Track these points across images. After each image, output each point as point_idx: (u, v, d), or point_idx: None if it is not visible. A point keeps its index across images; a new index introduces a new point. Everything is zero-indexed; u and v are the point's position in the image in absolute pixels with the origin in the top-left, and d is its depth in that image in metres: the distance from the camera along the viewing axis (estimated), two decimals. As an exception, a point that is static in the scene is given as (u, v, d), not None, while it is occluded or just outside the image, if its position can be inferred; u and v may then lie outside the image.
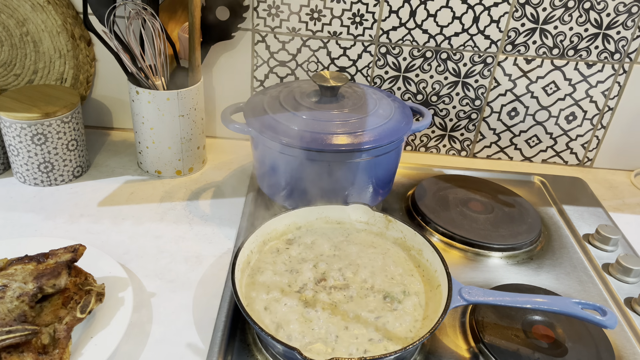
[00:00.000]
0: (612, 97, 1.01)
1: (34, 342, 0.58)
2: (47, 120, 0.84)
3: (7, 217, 0.83)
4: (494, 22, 0.94)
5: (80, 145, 0.91)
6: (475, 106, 1.03)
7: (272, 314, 0.65)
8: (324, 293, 0.68)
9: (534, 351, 0.66)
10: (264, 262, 0.73)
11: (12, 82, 0.99)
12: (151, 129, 0.90)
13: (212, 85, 1.03)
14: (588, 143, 1.07)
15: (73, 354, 0.60)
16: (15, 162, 0.88)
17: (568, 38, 0.95)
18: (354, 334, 0.63)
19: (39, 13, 0.93)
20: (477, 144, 1.08)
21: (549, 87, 1.00)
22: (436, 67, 0.99)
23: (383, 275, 0.71)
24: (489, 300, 0.68)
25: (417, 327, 0.65)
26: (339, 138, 0.77)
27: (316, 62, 0.99)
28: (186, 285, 0.73)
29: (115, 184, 0.93)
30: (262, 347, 0.66)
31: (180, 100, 0.88)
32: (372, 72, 1.00)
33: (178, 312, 0.69)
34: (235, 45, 0.99)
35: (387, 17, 0.95)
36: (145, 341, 0.65)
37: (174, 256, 0.78)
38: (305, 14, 0.95)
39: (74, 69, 0.98)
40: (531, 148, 1.07)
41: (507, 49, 0.97)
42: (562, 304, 0.66)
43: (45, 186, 0.90)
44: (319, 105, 0.81)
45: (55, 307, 0.62)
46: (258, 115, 0.81)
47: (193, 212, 0.87)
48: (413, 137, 1.08)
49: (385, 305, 0.67)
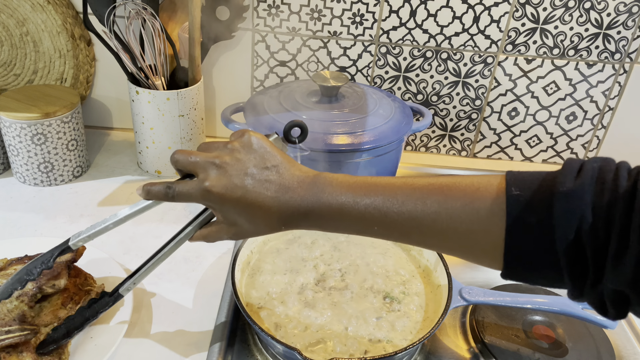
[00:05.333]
0: (612, 97, 1.01)
1: (33, 342, 0.58)
2: (47, 120, 0.84)
3: (7, 217, 0.83)
4: (494, 22, 0.94)
5: (80, 145, 0.91)
6: (475, 106, 1.03)
7: (272, 314, 0.65)
8: (324, 293, 0.68)
9: (534, 351, 0.66)
10: (264, 262, 0.73)
11: (12, 82, 0.99)
12: (151, 129, 0.90)
13: (212, 85, 1.03)
14: (588, 143, 1.06)
15: (73, 354, 0.60)
16: (15, 162, 0.88)
17: (568, 38, 0.94)
18: (354, 334, 0.63)
19: (38, 13, 0.93)
20: (478, 144, 1.08)
21: (550, 87, 1.00)
22: (436, 67, 0.99)
23: (383, 276, 0.71)
24: (489, 300, 0.68)
25: (418, 328, 0.65)
26: (339, 138, 0.77)
27: (316, 62, 0.99)
28: (186, 285, 0.73)
29: (115, 184, 0.92)
30: (262, 347, 0.66)
31: (180, 100, 0.88)
32: (372, 72, 1.00)
33: (178, 312, 0.69)
34: (235, 45, 0.98)
35: (387, 17, 0.94)
36: (145, 341, 0.65)
37: (173, 256, 0.78)
38: (305, 13, 0.95)
39: (74, 69, 0.98)
40: (531, 148, 1.07)
41: (508, 49, 0.96)
42: (562, 304, 0.66)
43: (45, 186, 0.90)
44: (319, 105, 0.81)
45: (54, 307, 0.62)
46: (258, 115, 0.81)
47: (193, 212, 0.86)
48: (413, 137, 1.08)
49: (385, 306, 0.67)
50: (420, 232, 0.46)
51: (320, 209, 0.48)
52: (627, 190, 0.38)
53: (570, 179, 0.40)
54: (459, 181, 0.46)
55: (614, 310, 0.40)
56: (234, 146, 0.52)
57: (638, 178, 0.38)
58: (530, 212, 0.40)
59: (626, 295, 0.38)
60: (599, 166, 0.40)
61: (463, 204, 0.44)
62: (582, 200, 0.39)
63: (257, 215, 0.50)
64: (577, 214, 0.38)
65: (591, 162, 0.41)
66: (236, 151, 0.52)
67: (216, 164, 0.50)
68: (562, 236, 0.39)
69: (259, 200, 0.49)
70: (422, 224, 0.45)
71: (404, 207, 0.45)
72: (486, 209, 0.42)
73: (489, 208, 0.42)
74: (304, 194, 0.49)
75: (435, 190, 0.46)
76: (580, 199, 0.39)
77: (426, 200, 0.45)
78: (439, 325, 0.61)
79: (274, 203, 0.49)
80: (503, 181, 0.43)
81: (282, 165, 0.51)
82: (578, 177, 0.40)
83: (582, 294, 0.41)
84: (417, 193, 0.46)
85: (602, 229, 0.38)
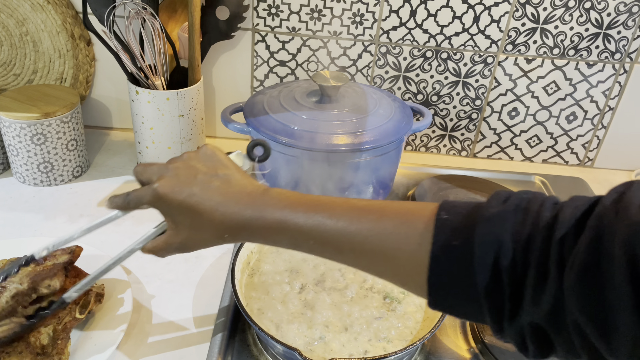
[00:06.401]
0: (612, 97, 1.00)
1: (32, 342, 0.58)
2: (47, 120, 0.84)
3: (7, 217, 0.83)
4: (494, 21, 0.94)
5: (80, 145, 0.91)
6: (475, 106, 1.03)
7: (272, 314, 0.65)
8: (324, 293, 0.68)
9: (534, 351, 0.66)
10: (264, 262, 0.73)
11: (12, 82, 0.99)
12: (151, 128, 0.90)
13: (212, 85, 1.03)
14: (589, 143, 1.06)
15: (72, 354, 0.60)
16: (14, 162, 0.88)
17: (569, 38, 0.94)
18: (353, 334, 0.63)
19: (38, 13, 0.93)
20: (478, 144, 1.08)
21: (550, 87, 1.00)
22: (436, 66, 0.99)
23: (383, 276, 0.71)
24: (490, 300, 0.67)
25: (418, 328, 0.65)
26: (339, 138, 0.76)
27: (316, 62, 0.99)
28: (186, 285, 0.73)
29: (115, 184, 0.92)
30: (262, 348, 0.66)
31: (180, 100, 0.88)
32: (372, 72, 1.00)
33: (178, 312, 0.69)
34: (235, 45, 0.98)
35: (387, 17, 0.94)
36: (145, 341, 0.65)
37: (173, 256, 0.78)
38: (305, 13, 0.95)
39: (74, 69, 0.98)
40: (532, 148, 1.07)
41: (508, 49, 0.96)
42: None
43: (44, 186, 0.90)
44: (319, 105, 0.81)
45: (54, 308, 0.62)
46: (258, 115, 0.80)
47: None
48: (413, 137, 1.08)
49: (385, 306, 0.67)
50: (352, 250, 0.46)
51: (258, 222, 0.49)
52: (548, 222, 0.38)
53: (496, 205, 0.40)
54: (397, 204, 0.47)
55: (533, 347, 0.39)
56: (189, 155, 0.54)
57: (559, 210, 0.38)
58: (454, 236, 0.40)
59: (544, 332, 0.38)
60: (528, 198, 0.40)
61: (395, 225, 0.44)
62: (503, 226, 0.38)
63: (201, 220, 0.50)
64: (496, 238, 0.38)
65: (521, 193, 0.41)
66: (190, 159, 0.54)
67: (168, 169, 0.53)
68: (481, 261, 0.38)
69: (204, 205, 0.50)
70: (354, 242, 0.45)
71: (339, 224, 0.46)
72: (416, 232, 0.42)
73: (419, 231, 0.42)
74: (247, 205, 0.50)
75: (371, 209, 0.46)
76: (500, 225, 0.39)
77: (361, 219, 0.45)
78: (439, 325, 0.61)
79: (217, 209, 0.50)
80: (435, 207, 0.43)
81: (233, 176, 0.52)
82: (503, 205, 0.40)
83: (502, 328, 0.40)
84: (354, 211, 0.46)
85: (520, 258, 0.38)
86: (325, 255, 0.49)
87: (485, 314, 0.40)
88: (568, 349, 0.37)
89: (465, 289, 0.40)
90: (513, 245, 0.38)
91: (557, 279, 0.36)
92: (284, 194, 0.50)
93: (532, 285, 0.37)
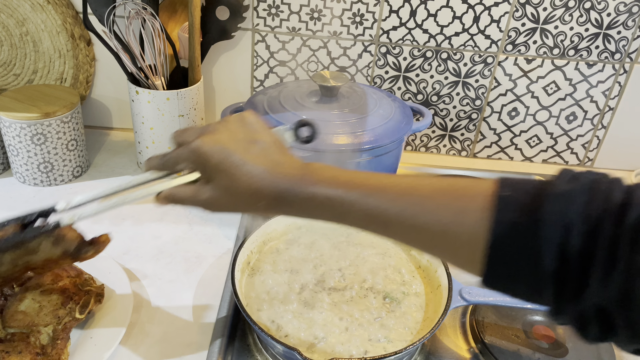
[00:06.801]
0: (612, 97, 1.00)
1: (32, 342, 0.58)
2: (47, 120, 0.84)
3: (7, 217, 0.83)
4: (494, 21, 0.94)
5: (80, 145, 0.91)
6: (475, 106, 1.03)
7: (272, 314, 0.65)
8: (324, 293, 0.68)
9: (534, 351, 0.66)
10: (264, 262, 0.73)
11: (12, 82, 0.99)
12: (151, 128, 0.90)
13: (212, 85, 1.03)
14: (588, 143, 1.06)
15: (72, 354, 0.60)
16: (15, 162, 0.88)
17: (568, 38, 0.94)
18: (354, 334, 0.63)
19: (38, 13, 0.93)
20: (478, 144, 1.08)
21: (550, 87, 1.00)
22: (436, 66, 0.99)
23: (383, 276, 0.71)
24: (490, 300, 0.68)
25: (418, 328, 0.65)
26: (339, 138, 0.76)
27: (316, 62, 0.99)
28: (186, 285, 0.73)
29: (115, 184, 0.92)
30: (262, 348, 0.66)
31: (180, 100, 0.88)
32: (372, 72, 1.00)
33: (178, 312, 0.69)
34: (235, 45, 0.98)
35: (387, 17, 0.94)
36: (145, 341, 0.65)
37: (173, 256, 0.78)
38: (305, 13, 0.95)
39: (74, 69, 0.98)
40: (532, 148, 1.07)
41: (508, 49, 0.96)
42: (562, 304, 0.66)
43: (45, 186, 0.90)
44: (319, 105, 0.81)
45: (54, 307, 0.62)
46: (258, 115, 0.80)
47: (193, 212, 0.87)
48: (413, 137, 1.08)
49: (385, 306, 0.67)
50: (401, 224, 0.45)
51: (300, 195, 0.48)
52: (619, 203, 0.37)
53: (564, 183, 0.40)
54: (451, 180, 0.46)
55: (596, 329, 0.38)
56: (227, 119, 0.53)
57: (632, 192, 0.38)
58: (518, 214, 0.40)
59: (608, 314, 0.37)
60: (594, 178, 0.40)
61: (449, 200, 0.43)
62: (572, 205, 0.38)
63: (238, 184, 0.48)
64: (565, 218, 0.38)
65: (587, 173, 0.41)
66: (229, 122, 0.52)
67: (208, 130, 0.51)
68: (548, 241, 0.38)
69: (244, 168, 0.48)
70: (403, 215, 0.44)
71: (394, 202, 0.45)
72: (473, 207, 0.42)
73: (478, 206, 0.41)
74: (289, 177, 0.48)
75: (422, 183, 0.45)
76: (569, 204, 0.38)
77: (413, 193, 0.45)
78: (439, 325, 0.61)
79: (257, 175, 0.48)
80: (494, 183, 0.43)
81: (273, 146, 0.51)
82: (571, 183, 0.40)
83: (561, 310, 0.39)
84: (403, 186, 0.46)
85: (590, 238, 0.37)
86: (370, 229, 0.47)
87: (546, 294, 0.39)
88: (633, 334, 0.37)
89: (527, 268, 0.39)
90: (582, 226, 0.37)
91: (629, 261, 0.35)
92: (327, 169, 0.49)
93: (602, 266, 0.36)
